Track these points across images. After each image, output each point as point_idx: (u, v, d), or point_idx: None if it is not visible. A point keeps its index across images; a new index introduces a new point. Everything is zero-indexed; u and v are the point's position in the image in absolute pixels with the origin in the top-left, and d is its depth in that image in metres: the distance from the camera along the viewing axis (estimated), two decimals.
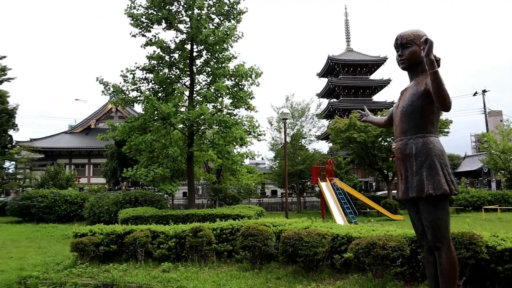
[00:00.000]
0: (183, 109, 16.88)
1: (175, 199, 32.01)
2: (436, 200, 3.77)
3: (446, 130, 28.28)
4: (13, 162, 49.31)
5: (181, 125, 17.06)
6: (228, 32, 16.25)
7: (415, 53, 3.94)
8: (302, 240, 7.16)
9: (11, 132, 34.08)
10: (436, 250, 3.82)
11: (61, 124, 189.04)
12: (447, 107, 3.47)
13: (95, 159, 52.33)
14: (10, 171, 49.17)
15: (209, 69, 17.39)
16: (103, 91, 16.25)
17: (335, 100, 59.66)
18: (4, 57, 29.28)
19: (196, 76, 17.79)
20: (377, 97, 60.11)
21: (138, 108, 19.41)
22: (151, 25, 16.89)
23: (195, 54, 17.47)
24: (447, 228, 3.83)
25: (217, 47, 16.48)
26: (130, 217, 14.27)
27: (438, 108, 3.74)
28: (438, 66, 3.60)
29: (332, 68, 59.59)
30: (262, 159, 41.62)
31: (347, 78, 58.41)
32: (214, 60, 17.01)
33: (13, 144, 44.39)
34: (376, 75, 60.20)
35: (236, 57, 17.29)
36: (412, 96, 3.95)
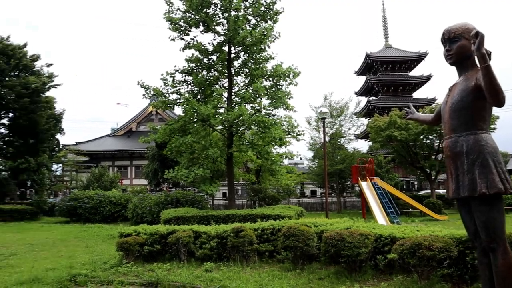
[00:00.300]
0: (221, 111, 17.03)
1: (215, 200, 32.40)
2: (489, 199, 3.61)
3: (492, 126, 27.17)
4: (61, 165, 51.59)
5: (220, 126, 17.23)
6: (265, 33, 16.28)
7: (464, 48, 3.79)
8: (345, 240, 7.05)
9: (58, 136, 35.50)
10: (490, 251, 3.66)
11: (104, 127, 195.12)
12: (500, 102, 3.33)
13: (137, 161, 53.60)
14: (58, 173, 51.42)
15: (247, 70, 17.46)
16: (144, 95, 16.66)
17: (374, 98, 58.52)
18: (51, 64, 30.58)
19: (234, 78, 17.90)
20: (418, 94, 58.51)
21: (178, 110, 19.83)
22: (189, 28, 17.15)
23: (232, 55, 17.60)
24: (503, 229, 3.66)
25: (255, 48, 16.53)
26: (172, 217, 14.53)
27: (491, 104, 3.59)
28: (490, 59, 3.45)
29: (370, 65, 58.52)
30: (301, 159, 41.44)
31: (386, 75, 57.21)
32: (252, 61, 17.06)
33: (60, 147, 46.35)
34: (416, 71, 58.66)
35: (273, 58, 17.30)
36: (461, 91, 3.81)
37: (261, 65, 17.12)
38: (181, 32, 17.06)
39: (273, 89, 16.95)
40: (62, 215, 24.19)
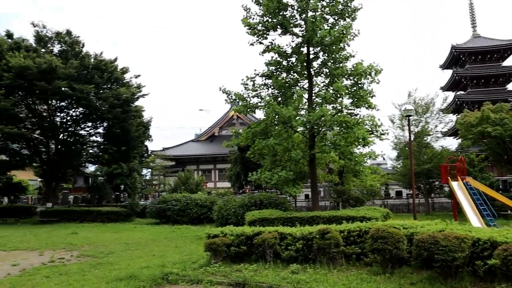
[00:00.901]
0: (302, 112, 16.99)
1: (297, 202, 32.33)
2: None
3: None
4: (149, 170, 54.76)
5: (301, 128, 17.20)
6: (343, 31, 15.98)
7: None
8: (439, 243, 6.68)
9: (146, 142, 37.72)
10: None
11: (188, 133, 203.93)
12: None
13: (220, 164, 55.07)
14: (147, 177, 54.62)
15: (327, 70, 17.27)
16: (226, 100, 17.14)
17: (462, 92, 54.79)
18: (139, 75, 32.61)
19: (314, 78, 17.78)
20: None
21: (259, 114, 20.14)
22: (267, 32, 17.33)
23: (311, 56, 17.50)
24: None
25: (334, 47, 16.30)
26: (257, 219, 14.74)
27: None
28: None
29: (456, 58, 54.88)
30: (384, 159, 39.96)
31: (475, 67, 53.28)
32: (332, 61, 16.85)
33: (149, 153, 49.23)
34: (509, 61, 53.95)
35: (353, 56, 16.90)
36: None
37: (341, 64, 16.83)
38: (260, 36, 17.30)
39: (354, 88, 16.57)
40: (152, 217, 25.61)
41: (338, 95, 16.13)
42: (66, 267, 10.19)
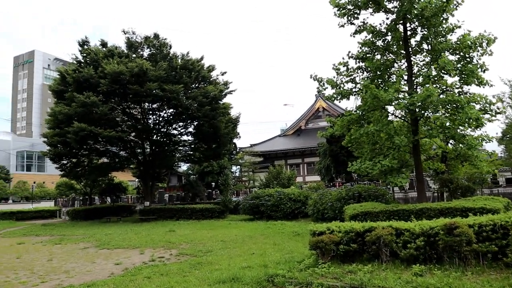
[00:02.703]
0: (401, 95, 15.41)
1: (395, 193, 30.24)
2: None
3: None
4: (238, 166, 55.38)
5: (399, 112, 15.68)
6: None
7: None
8: None
9: (234, 140, 37.84)
10: None
11: (273, 128, 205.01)
12: None
13: (308, 158, 54.18)
14: (237, 174, 55.30)
15: (428, 47, 15.50)
16: (317, 88, 16.08)
17: None
18: (225, 72, 32.58)
19: (412, 57, 16.08)
20: None
21: (346, 103, 18.74)
22: (358, 11, 15.98)
23: (408, 33, 15.82)
24: None
25: (435, 19, 14.52)
26: (359, 213, 13.57)
27: None
28: None
29: None
30: (487, 142, 36.11)
31: None
32: (433, 35, 15.03)
33: (237, 150, 49.67)
34: None
35: (459, 27, 14.93)
36: None
37: (444, 38, 14.98)
38: (350, 17, 16.00)
39: (462, 63, 14.64)
40: (245, 213, 25.35)
41: (444, 72, 14.32)
42: (166, 267, 9.91)
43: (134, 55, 29.96)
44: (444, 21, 14.91)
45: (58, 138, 27.50)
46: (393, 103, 13.72)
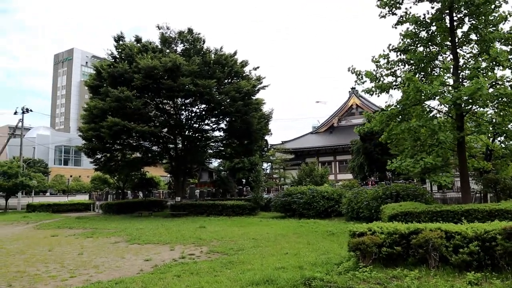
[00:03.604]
0: (445, 89, 14.50)
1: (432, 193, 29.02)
2: None
3: None
4: (269, 163, 54.90)
5: (442, 107, 14.80)
6: None
7: None
8: None
9: (266, 137, 37.28)
10: None
11: (305, 125, 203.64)
12: None
13: (340, 156, 53.23)
14: (268, 171, 54.83)
15: (476, 37, 14.52)
16: (356, 81, 15.35)
17: None
18: (258, 67, 32.09)
19: (458, 49, 15.12)
20: None
21: (378, 101, 17.83)
22: (401, 0, 15.17)
23: (455, 23, 14.88)
24: None
25: (485, 7, 13.55)
26: (398, 213, 12.80)
27: None
28: None
29: None
30: None
31: None
32: (483, 24, 14.06)
33: (268, 147, 49.18)
34: None
35: None
36: None
37: (495, 27, 13.98)
38: (392, 6, 15.20)
39: None
40: (277, 210, 24.82)
41: (496, 64, 13.32)
42: (196, 265, 9.48)
43: (167, 50, 29.88)
44: (495, 9, 13.92)
45: (92, 133, 27.77)
46: (439, 97, 12.85)
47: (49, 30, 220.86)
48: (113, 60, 29.68)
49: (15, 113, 41.77)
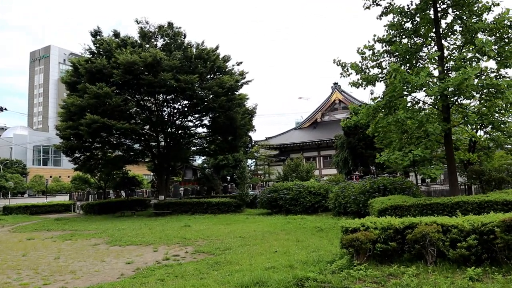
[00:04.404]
0: (431, 80, 14.26)
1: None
2: None
3: None
4: (254, 160, 54.56)
5: (428, 98, 14.57)
6: None
7: None
8: None
9: (250, 133, 36.83)
10: None
11: (287, 120, 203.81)
12: None
13: (324, 151, 53.26)
14: (252, 167, 54.46)
15: (461, 28, 14.30)
16: (341, 73, 14.99)
17: None
18: (241, 63, 31.70)
19: (442, 41, 14.90)
20: None
21: (361, 95, 17.56)
22: None
23: (439, 14, 14.65)
24: None
25: None
26: (388, 207, 12.55)
27: None
28: None
29: None
30: None
31: None
32: (467, 14, 13.84)
33: (252, 143, 48.78)
34: None
35: (498, 4, 13.70)
36: None
37: (478, 18, 13.78)
38: None
39: (499, 45, 13.43)
40: (263, 207, 24.45)
41: (482, 54, 13.10)
42: (181, 268, 8.99)
43: (147, 45, 29.10)
44: (477, 1, 13.72)
45: (70, 131, 26.90)
46: (426, 88, 12.58)
47: (27, 28, 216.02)
48: (91, 55, 28.80)
49: None
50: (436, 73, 14.43)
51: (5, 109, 40.97)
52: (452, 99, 13.70)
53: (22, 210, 33.72)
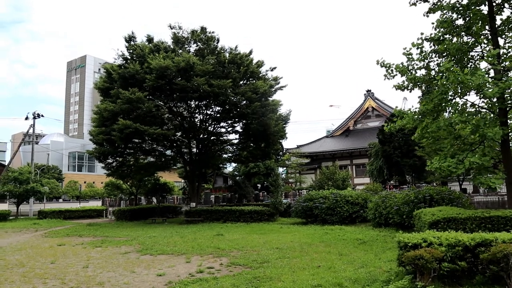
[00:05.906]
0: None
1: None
2: None
3: None
4: (285, 168, 53.63)
5: (481, 101, 13.38)
6: None
7: None
8: None
9: (281, 141, 35.97)
10: None
11: (317, 128, 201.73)
12: None
13: (356, 159, 52.01)
14: (283, 175, 53.55)
15: None
16: (385, 75, 13.97)
17: None
18: (275, 68, 30.89)
19: (498, 38, 13.70)
20: None
21: (393, 102, 16.38)
22: None
23: (494, 9, 13.50)
24: None
25: None
26: (441, 219, 11.43)
27: None
28: None
29: None
30: None
31: None
32: None
33: (284, 151, 47.90)
34: None
35: None
36: None
37: None
38: None
39: None
40: (297, 216, 23.48)
41: None
42: (217, 282, 8.20)
43: (180, 51, 28.81)
44: None
45: (103, 136, 26.80)
46: (484, 89, 11.44)
47: (64, 38, 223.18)
48: (124, 61, 28.73)
49: (26, 118, 41.25)
50: (491, 73, 13.26)
51: (42, 115, 41.79)
52: (511, 102, 12.51)
53: (56, 215, 34.00)
